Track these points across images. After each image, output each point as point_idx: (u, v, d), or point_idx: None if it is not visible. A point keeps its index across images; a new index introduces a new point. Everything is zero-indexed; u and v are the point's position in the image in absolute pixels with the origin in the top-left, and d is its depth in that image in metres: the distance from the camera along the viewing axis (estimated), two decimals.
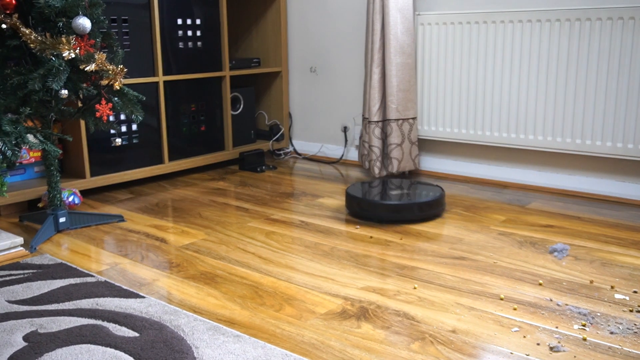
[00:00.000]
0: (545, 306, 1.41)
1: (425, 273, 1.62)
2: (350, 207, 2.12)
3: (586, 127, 2.25)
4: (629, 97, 2.15)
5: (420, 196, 2.09)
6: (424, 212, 2.05)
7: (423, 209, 2.04)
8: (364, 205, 2.06)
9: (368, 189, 2.19)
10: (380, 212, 2.04)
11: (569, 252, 1.75)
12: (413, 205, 2.03)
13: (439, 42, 2.56)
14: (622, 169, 2.28)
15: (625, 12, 2.11)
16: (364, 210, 2.06)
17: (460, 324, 1.33)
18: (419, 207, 2.04)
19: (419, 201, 2.04)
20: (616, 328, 1.30)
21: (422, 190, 2.17)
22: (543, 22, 2.29)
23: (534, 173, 2.48)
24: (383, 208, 2.03)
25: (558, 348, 1.22)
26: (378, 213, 2.04)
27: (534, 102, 2.36)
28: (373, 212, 2.05)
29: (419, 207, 2.04)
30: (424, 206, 2.04)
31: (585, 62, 2.22)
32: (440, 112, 2.61)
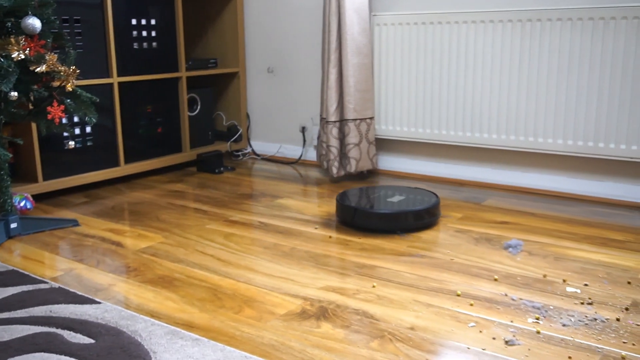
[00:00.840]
0: (500, 301, 1.44)
1: (384, 271, 1.63)
2: (342, 216, 2.01)
3: (539, 125, 2.31)
4: (583, 94, 2.22)
5: (415, 203, 1.99)
6: (420, 220, 1.95)
7: (419, 216, 1.95)
8: (359, 214, 1.94)
9: (360, 197, 2.08)
10: (376, 221, 1.93)
11: (523, 248, 1.79)
12: (408, 214, 1.93)
13: (395, 43, 2.59)
14: (576, 166, 2.35)
15: (574, 13, 2.17)
16: (360, 220, 1.95)
17: (419, 321, 1.35)
18: (415, 215, 1.94)
19: (415, 209, 1.94)
20: (568, 320, 1.34)
21: (417, 196, 2.08)
22: (496, 23, 2.33)
23: (490, 171, 2.53)
24: (380, 217, 1.93)
25: (513, 342, 1.25)
26: (373, 222, 1.94)
27: (488, 101, 2.40)
28: (368, 221, 1.94)
29: (415, 215, 1.94)
30: (422, 214, 1.95)
31: (537, 61, 2.28)
32: (397, 112, 2.64)
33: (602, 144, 2.19)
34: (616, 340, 1.25)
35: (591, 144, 2.21)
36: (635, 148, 2.14)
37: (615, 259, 1.69)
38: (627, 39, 2.09)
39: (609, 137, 2.18)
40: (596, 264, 1.66)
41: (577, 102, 2.22)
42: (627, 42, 2.10)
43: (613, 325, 1.31)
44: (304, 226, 2.03)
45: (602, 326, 1.31)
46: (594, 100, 2.19)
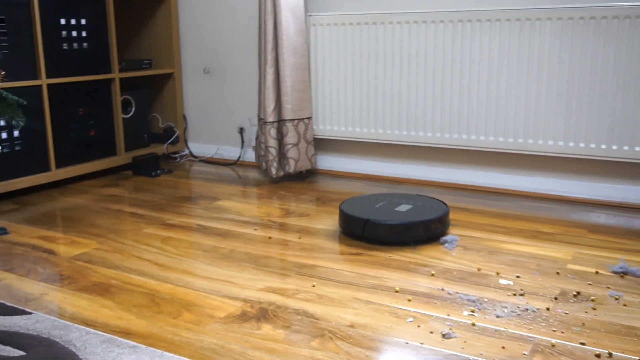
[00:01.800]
0: (437, 295, 1.47)
1: (323, 270, 1.64)
2: (350, 228, 1.89)
3: (472, 123, 2.37)
4: (513, 92, 2.29)
5: (426, 212, 1.88)
6: (434, 229, 1.85)
7: (433, 226, 1.84)
8: (371, 227, 1.82)
9: (365, 207, 1.94)
10: (389, 233, 1.81)
11: (459, 243, 1.83)
12: (421, 224, 1.82)
13: (331, 43, 2.60)
14: (507, 162, 2.43)
15: (503, 14, 2.24)
16: (370, 232, 1.83)
17: (358, 318, 1.36)
18: (428, 225, 1.83)
19: (429, 218, 1.83)
20: (502, 312, 1.38)
21: (424, 204, 1.98)
22: (429, 23, 2.38)
23: (426, 168, 2.58)
24: (393, 229, 1.81)
25: (450, 335, 1.28)
26: (386, 234, 1.82)
27: (423, 100, 2.45)
28: (380, 234, 1.82)
29: (428, 225, 1.83)
30: (436, 223, 1.85)
31: (468, 61, 2.34)
32: (335, 112, 2.66)
33: (531, 140, 2.28)
34: (546, 329, 1.30)
35: (521, 140, 2.29)
36: (562, 144, 2.23)
37: (545, 251, 1.76)
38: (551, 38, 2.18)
39: (537, 133, 2.26)
40: (527, 256, 1.72)
41: (507, 100, 2.30)
42: (549, 40, 2.18)
43: (543, 315, 1.36)
44: (243, 228, 2.01)
45: (533, 316, 1.36)
46: (522, 97, 2.27)
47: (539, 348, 1.22)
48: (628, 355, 1.19)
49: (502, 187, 2.43)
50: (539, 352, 1.20)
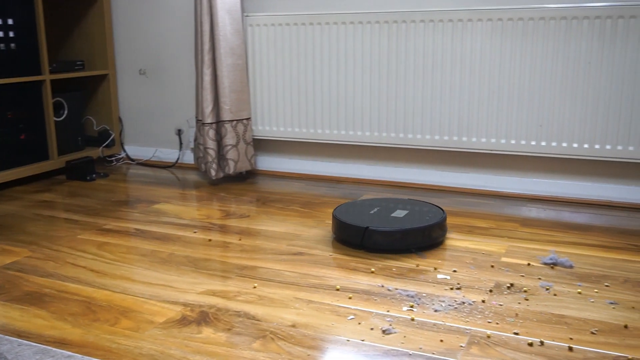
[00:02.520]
0: (377, 292, 1.50)
1: (264, 271, 1.64)
2: (347, 237, 1.82)
3: (408, 122, 2.42)
4: (447, 91, 2.35)
5: (424, 217, 1.82)
6: (435, 235, 1.80)
7: (434, 231, 1.79)
8: (370, 234, 1.75)
9: (359, 214, 1.87)
10: (391, 240, 1.75)
11: None
12: (422, 230, 1.76)
13: (269, 43, 2.60)
14: (443, 159, 2.48)
15: (436, 15, 2.29)
16: (370, 240, 1.75)
17: (300, 318, 1.37)
18: (429, 230, 1.78)
19: (429, 224, 1.77)
20: (439, 306, 1.41)
21: (422, 208, 1.92)
22: (365, 24, 2.41)
23: (366, 167, 2.62)
24: (395, 236, 1.74)
25: (390, 330, 1.30)
26: (387, 242, 1.75)
27: (361, 100, 2.48)
28: (381, 242, 1.75)
29: (429, 230, 1.78)
30: (436, 228, 1.79)
31: (404, 61, 2.38)
32: (274, 112, 2.66)
33: (465, 137, 2.34)
34: (482, 320, 1.34)
35: (455, 138, 2.35)
36: (494, 141, 2.30)
37: (479, 245, 1.81)
38: (482, 39, 2.25)
39: (471, 131, 2.32)
40: (463, 251, 1.77)
41: (441, 99, 2.35)
42: (480, 41, 2.25)
43: (479, 307, 1.40)
44: (182, 231, 1.99)
45: (469, 309, 1.40)
46: (456, 96, 2.33)
47: (475, 340, 1.26)
48: (558, 342, 1.24)
49: (439, 184, 2.49)
50: (476, 343, 1.24)
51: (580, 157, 2.19)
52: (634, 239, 1.86)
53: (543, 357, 1.19)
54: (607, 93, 2.12)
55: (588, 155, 2.18)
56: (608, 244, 1.82)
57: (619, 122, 2.12)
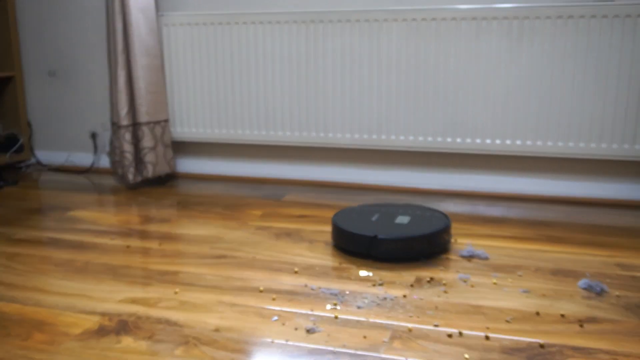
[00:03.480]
0: (301, 292, 1.50)
1: (186, 276, 1.61)
2: (351, 246, 1.74)
3: (329, 121, 2.44)
4: (366, 91, 2.38)
5: (428, 223, 1.77)
6: (442, 242, 1.74)
7: (441, 238, 1.74)
8: (377, 243, 1.68)
9: (361, 221, 1.80)
10: (399, 248, 1.69)
11: (322, 239, 1.88)
12: (429, 236, 1.70)
13: (186, 43, 2.55)
14: (364, 157, 2.52)
15: (360, 15, 2.32)
16: (378, 249, 1.68)
17: (223, 322, 1.35)
18: (436, 237, 1.72)
19: (436, 230, 1.71)
20: (362, 303, 1.43)
21: (424, 213, 1.86)
22: (282, 24, 2.41)
23: (288, 167, 2.62)
24: (402, 243, 1.68)
25: (314, 329, 1.30)
26: (395, 250, 1.69)
27: (281, 100, 2.48)
28: (389, 250, 1.68)
29: (436, 237, 1.72)
30: (443, 234, 1.74)
31: (322, 60, 2.40)
32: (193, 113, 2.61)
33: (384, 135, 2.38)
34: (404, 315, 1.37)
35: (375, 136, 2.39)
36: (412, 139, 2.35)
37: None
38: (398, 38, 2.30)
39: (390, 129, 2.37)
40: None
41: (360, 98, 2.39)
42: (396, 40, 2.30)
43: (401, 302, 1.43)
44: (99, 238, 1.92)
45: (391, 304, 1.42)
46: (374, 95, 2.37)
47: (397, 334, 1.28)
48: (476, 332, 1.28)
49: (361, 182, 2.52)
50: (398, 337, 1.26)
51: (494, 152, 2.28)
52: (544, 229, 1.96)
53: (462, 347, 1.22)
54: (516, 90, 2.22)
55: (501, 151, 2.27)
56: (521, 235, 1.90)
57: (528, 118, 2.22)
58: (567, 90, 2.17)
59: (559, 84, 2.17)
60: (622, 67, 2.10)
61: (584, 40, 2.12)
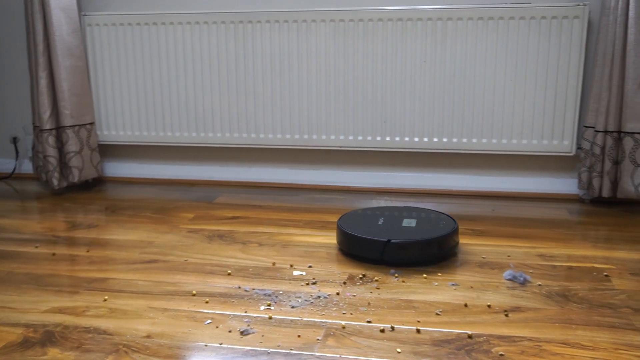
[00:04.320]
0: (234, 294, 1.49)
1: (115, 282, 1.57)
2: (363, 252, 1.69)
3: (259, 122, 2.43)
4: (296, 91, 2.39)
5: (436, 226, 1.74)
6: (453, 244, 1.73)
7: (452, 240, 1.72)
8: (393, 248, 1.64)
9: (367, 226, 1.76)
10: (413, 252, 1.65)
11: (255, 240, 1.87)
12: (440, 240, 1.67)
13: (110, 44, 2.49)
14: (295, 157, 2.53)
15: (289, 15, 2.32)
16: (392, 254, 1.65)
17: (155, 328, 1.32)
18: (446, 240, 1.69)
19: (446, 233, 1.69)
20: (296, 302, 1.44)
21: (429, 216, 1.85)
22: (210, 24, 2.39)
23: (219, 168, 2.59)
24: (417, 247, 1.65)
25: (248, 331, 1.30)
26: (409, 255, 1.65)
27: (210, 101, 2.45)
28: (403, 255, 1.65)
29: (446, 240, 1.69)
30: (452, 237, 1.72)
31: (251, 61, 2.39)
32: (119, 116, 2.54)
33: (315, 135, 2.40)
34: (337, 312, 1.38)
35: (306, 136, 2.41)
36: (343, 138, 2.38)
37: (333, 239, 1.87)
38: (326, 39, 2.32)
39: (320, 128, 2.39)
40: (318, 246, 1.81)
41: (290, 98, 2.39)
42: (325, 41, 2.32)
43: (334, 300, 1.45)
44: (22, 246, 1.84)
45: (325, 302, 1.44)
46: (304, 95, 2.38)
47: (331, 332, 1.29)
48: (407, 326, 1.31)
49: (292, 182, 2.53)
50: (332, 335, 1.28)
51: (422, 150, 2.34)
52: (470, 223, 2.02)
53: (394, 342, 1.25)
54: (441, 89, 2.28)
55: (428, 148, 2.33)
56: None
57: (453, 116, 2.29)
58: (488, 88, 2.24)
59: (480, 82, 2.25)
60: (539, 66, 2.19)
61: (504, 40, 2.20)
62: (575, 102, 2.20)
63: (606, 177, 2.15)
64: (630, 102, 2.07)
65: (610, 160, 2.14)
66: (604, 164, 2.15)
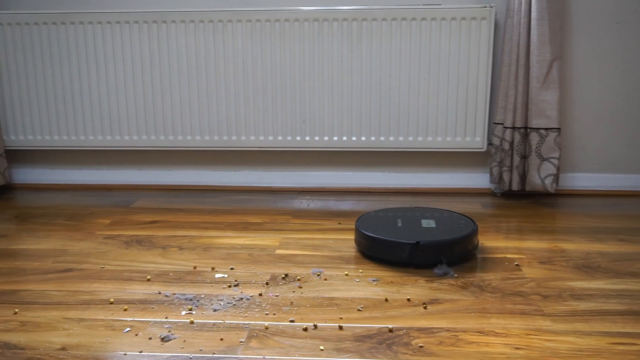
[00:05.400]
0: (154, 300, 1.46)
1: (27, 294, 1.50)
2: (390, 254, 1.66)
3: (177, 123, 2.39)
4: (214, 92, 2.36)
5: (456, 225, 1.73)
6: (476, 243, 1.72)
7: (475, 239, 1.71)
8: (422, 250, 1.62)
9: (389, 229, 1.72)
10: (441, 253, 1.63)
11: (175, 244, 1.84)
12: (465, 239, 1.66)
13: (17, 44, 2.37)
14: (214, 159, 2.50)
15: (204, 15, 2.29)
16: (421, 256, 1.63)
17: (70, 339, 1.27)
18: (471, 239, 1.68)
19: (471, 231, 1.68)
20: (218, 305, 1.43)
21: (444, 215, 1.84)
22: (123, 24, 2.32)
23: (137, 172, 2.53)
24: (444, 248, 1.63)
25: (169, 337, 1.27)
26: (436, 255, 1.63)
27: (125, 102, 2.39)
28: (430, 256, 1.63)
29: (471, 239, 1.68)
30: (475, 235, 1.71)
31: (167, 61, 2.34)
32: (29, 119, 2.43)
33: (234, 136, 2.38)
34: (260, 313, 1.38)
35: (225, 137, 2.38)
36: (262, 139, 2.37)
37: (255, 240, 1.86)
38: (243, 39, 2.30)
39: (239, 130, 2.37)
40: (240, 248, 1.80)
41: (208, 99, 2.36)
42: (242, 41, 2.31)
43: (257, 301, 1.44)
44: None
45: (247, 304, 1.43)
46: (223, 96, 2.35)
47: (254, 333, 1.29)
48: (330, 323, 1.33)
49: (212, 184, 2.50)
50: (255, 336, 1.27)
51: (342, 149, 2.37)
52: None
53: (317, 340, 1.26)
54: (358, 89, 2.32)
55: (348, 147, 2.36)
56: None
57: (371, 115, 2.33)
58: (403, 87, 2.30)
59: (396, 81, 2.30)
60: (450, 65, 2.27)
61: (417, 40, 2.26)
62: (485, 100, 2.29)
63: (515, 171, 2.26)
64: (535, 100, 2.18)
65: (519, 155, 2.25)
66: (513, 159, 2.26)
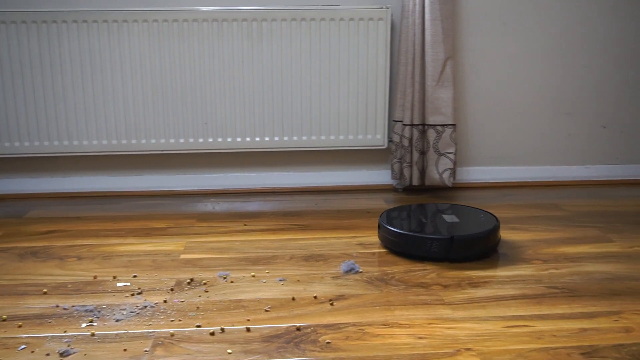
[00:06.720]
0: (52, 314, 1.39)
1: None
2: (429, 250, 1.67)
3: (71, 127, 2.29)
4: (108, 95, 2.27)
5: (477, 219, 1.77)
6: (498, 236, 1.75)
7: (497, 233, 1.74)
8: (459, 244, 1.65)
9: (419, 225, 1.75)
10: (476, 247, 1.67)
11: (74, 253, 1.76)
12: (491, 233, 1.69)
13: None
14: (114, 164, 2.41)
15: (89, 15, 2.20)
16: (459, 250, 1.65)
17: None
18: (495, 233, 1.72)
19: (494, 226, 1.72)
20: (121, 315, 1.38)
21: (462, 210, 1.87)
22: (8, 24, 2.20)
23: (30, 181, 2.40)
24: (478, 242, 1.67)
25: (68, 352, 1.22)
26: (473, 249, 1.67)
27: (13, 105, 2.26)
28: (468, 250, 1.66)
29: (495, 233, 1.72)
30: (497, 230, 1.74)
31: (59, 64, 2.24)
32: None
33: (134, 140, 2.31)
34: (165, 320, 1.35)
35: (124, 141, 2.31)
36: (164, 141, 2.32)
37: (159, 246, 1.82)
38: (140, 40, 2.24)
39: (139, 133, 2.31)
40: (143, 255, 1.75)
41: (104, 102, 2.28)
42: (139, 42, 2.24)
43: (161, 308, 1.41)
44: None
45: (152, 311, 1.39)
46: (119, 99, 2.28)
47: (159, 341, 1.26)
48: (237, 326, 1.32)
49: (113, 190, 2.42)
50: (160, 344, 1.25)
51: (244, 149, 2.36)
52: (294, 219, 2.08)
53: (224, 343, 1.25)
54: (260, 89, 2.31)
55: (251, 148, 2.36)
56: (275, 227, 2.00)
57: (273, 115, 2.34)
58: (305, 87, 2.32)
59: (297, 81, 2.32)
60: (350, 65, 2.32)
61: (317, 40, 2.29)
62: (385, 98, 2.35)
63: (415, 167, 2.34)
64: (431, 97, 2.26)
65: (418, 151, 2.33)
66: (413, 155, 2.34)
